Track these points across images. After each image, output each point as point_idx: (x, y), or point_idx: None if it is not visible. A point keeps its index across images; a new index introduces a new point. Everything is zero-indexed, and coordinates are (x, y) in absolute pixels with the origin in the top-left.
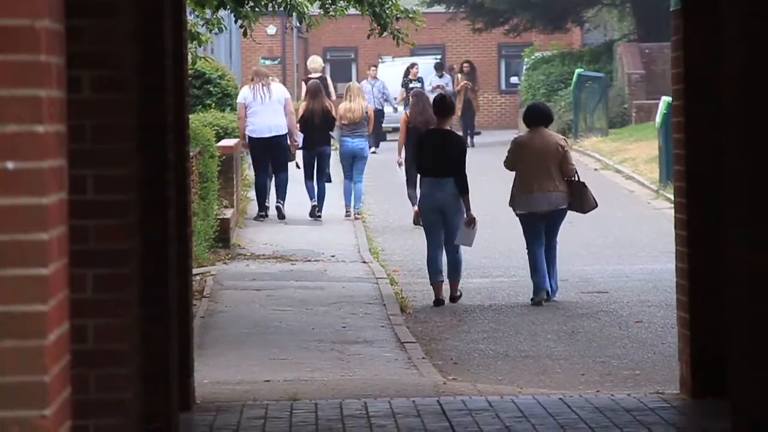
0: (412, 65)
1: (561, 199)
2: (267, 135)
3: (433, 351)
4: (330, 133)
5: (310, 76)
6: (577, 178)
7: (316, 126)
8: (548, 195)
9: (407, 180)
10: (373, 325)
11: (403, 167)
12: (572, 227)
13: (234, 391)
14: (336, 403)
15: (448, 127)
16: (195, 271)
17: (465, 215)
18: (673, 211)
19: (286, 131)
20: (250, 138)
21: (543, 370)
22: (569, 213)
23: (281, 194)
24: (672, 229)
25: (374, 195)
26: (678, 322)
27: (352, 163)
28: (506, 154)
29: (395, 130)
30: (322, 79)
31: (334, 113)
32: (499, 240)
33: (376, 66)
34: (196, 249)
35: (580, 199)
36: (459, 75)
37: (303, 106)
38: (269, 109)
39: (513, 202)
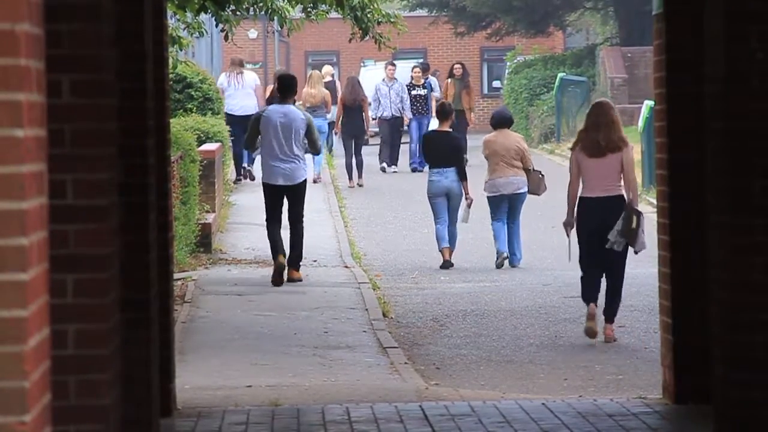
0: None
1: (521, 183)
2: (238, 113)
3: (415, 356)
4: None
5: (325, 80)
6: (533, 169)
7: None
8: (510, 180)
9: (345, 150)
10: (355, 330)
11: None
12: (554, 231)
13: (215, 396)
14: (318, 409)
15: (448, 128)
16: (176, 276)
17: (465, 197)
18: (655, 215)
19: (256, 110)
20: (226, 114)
21: (526, 375)
22: (552, 219)
23: (250, 160)
24: (654, 234)
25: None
26: (660, 326)
27: None
28: (482, 152)
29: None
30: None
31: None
32: (482, 245)
33: (393, 64)
34: (177, 254)
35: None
36: (449, 80)
37: (271, 90)
38: (242, 93)
39: (485, 187)
